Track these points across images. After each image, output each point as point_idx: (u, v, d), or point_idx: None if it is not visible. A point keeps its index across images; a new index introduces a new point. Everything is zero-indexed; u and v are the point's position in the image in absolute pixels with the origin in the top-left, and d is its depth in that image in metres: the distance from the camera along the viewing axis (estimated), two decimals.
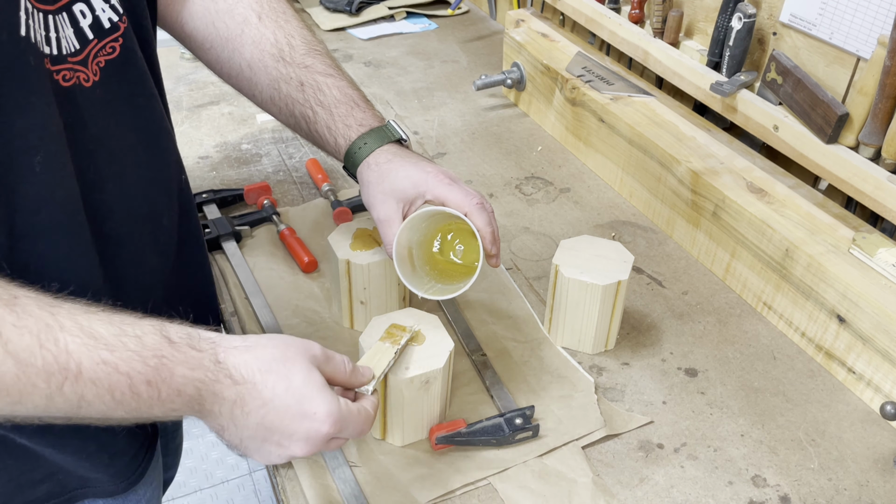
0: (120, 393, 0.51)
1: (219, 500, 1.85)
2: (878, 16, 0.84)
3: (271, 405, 0.56)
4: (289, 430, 0.57)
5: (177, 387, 0.53)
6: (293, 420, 0.57)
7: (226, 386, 0.55)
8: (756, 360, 0.87)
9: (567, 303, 0.84)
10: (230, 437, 0.58)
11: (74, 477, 0.70)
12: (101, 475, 0.71)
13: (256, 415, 0.56)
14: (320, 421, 0.57)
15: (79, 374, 0.50)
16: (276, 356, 0.58)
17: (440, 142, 1.27)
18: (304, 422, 0.57)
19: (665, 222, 1.07)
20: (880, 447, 0.77)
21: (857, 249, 0.84)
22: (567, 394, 0.81)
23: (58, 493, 0.69)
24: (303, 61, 0.79)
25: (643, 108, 1.13)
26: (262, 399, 0.56)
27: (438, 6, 1.77)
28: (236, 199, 1.09)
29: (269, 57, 0.79)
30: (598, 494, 0.71)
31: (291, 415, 0.57)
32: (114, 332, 0.52)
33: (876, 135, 0.84)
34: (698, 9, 1.11)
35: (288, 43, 0.79)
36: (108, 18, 0.62)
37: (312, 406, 0.57)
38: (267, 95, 0.80)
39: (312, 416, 0.57)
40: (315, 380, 0.58)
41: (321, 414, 0.57)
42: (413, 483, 0.72)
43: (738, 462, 0.75)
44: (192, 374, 0.54)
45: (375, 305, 0.86)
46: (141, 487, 0.76)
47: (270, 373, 0.57)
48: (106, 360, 0.51)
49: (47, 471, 0.68)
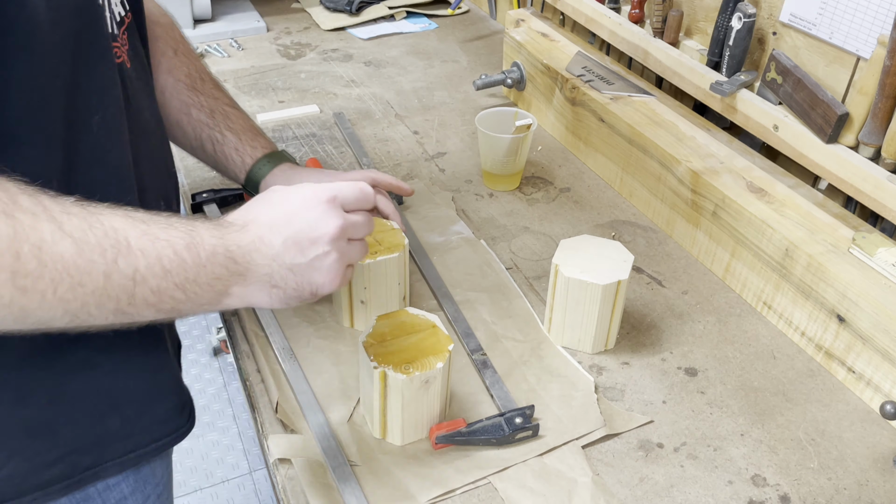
0: (167, 259, 0.55)
1: (219, 499, 1.86)
2: (878, 16, 0.84)
3: (275, 222, 0.61)
4: (306, 220, 0.62)
5: (210, 248, 0.58)
6: (302, 209, 0.62)
7: (239, 233, 0.60)
8: (756, 359, 0.87)
9: (567, 302, 0.84)
10: (281, 278, 0.61)
11: (87, 456, 0.70)
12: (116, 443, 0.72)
13: (274, 236, 0.61)
14: (321, 192, 0.63)
15: (128, 245, 0.53)
16: (251, 202, 0.64)
17: (440, 142, 1.27)
18: (307, 202, 0.62)
19: (665, 222, 1.07)
20: (880, 447, 0.77)
21: (856, 249, 0.84)
22: (567, 393, 0.81)
23: (69, 475, 0.70)
24: (212, 93, 0.93)
25: (643, 108, 1.13)
26: (266, 224, 0.61)
27: (438, 6, 1.77)
28: (236, 199, 1.09)
29: (182, 85, 0.90)
30: (598, 494, 0.71)
31: (298, 206, 0.62)
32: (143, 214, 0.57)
33: (876, 134, 0.84)
34: (698, 8, 1.11)
35: (199, 77, 0.92)
36: (118, 12, 0.67)
37: (300, 193, 0.63)
38: (174, 119, 0.91)
39: (312, 195, 0.63)
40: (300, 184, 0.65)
41: (317, 188, 0.63)
42: (413, 482, 0.72)
43: (737, 461, 0.75)
44: (215, 232, 0.59)
45: (375, 305, 0.86)
46: (157, 466, 0.77)
47: (256, 206, 0.63)
48: (146, 231, 0.55)
49: (62, 451, 0.68)
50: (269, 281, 0.61)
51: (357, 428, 0.77)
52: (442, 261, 1.00)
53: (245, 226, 0.61)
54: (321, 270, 0.63)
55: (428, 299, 0.94)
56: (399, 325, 0.75)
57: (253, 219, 0.62)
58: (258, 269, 0.60)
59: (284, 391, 0.81)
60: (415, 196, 1.12)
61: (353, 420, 0.78)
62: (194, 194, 1.07)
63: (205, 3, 1.64)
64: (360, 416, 0.78)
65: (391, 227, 0.89)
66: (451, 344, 0.74)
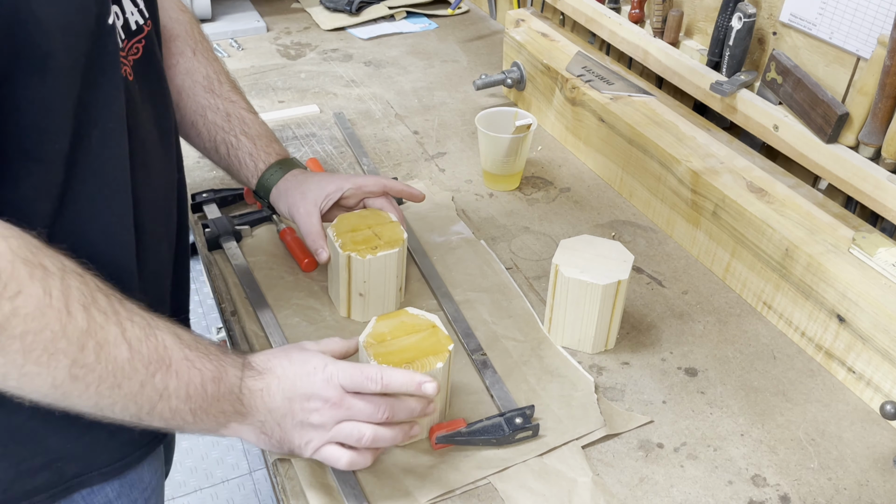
0: (193, 387, 0.61)
1: (219, 499, 1.86)
2: (878, 16, 0.84)
3: (284, 378, 0.67)
4: (304, 390, 0.66)
5: (228, 386, 0.64)
6: (303, 380, 0.66)
7: (255, 378, 0.66)
8: (756, 359, 0.87)
9: (567, 302, 0.84)
10: (270, 429, 0.67)
11: (74, 464, 0.70)
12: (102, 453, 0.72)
13: (278, 391, 0.66)
14: (322, 368, 0.67)
15: (169, 365, 0.59)
16: (276, 351, 0.70)
17: (440, 142, 1.27)
18: (311, 377, 0.67)
19: (665, 222, 1.07)
20: (880, 447, 0.77)
21: (856, 249, 0.84)
22: (567, 393, 0.81)
23: (56, 482, 0.70)
24: (228, 96, 0.92)
25: (643, 108, 1.13)
26: (278, 377, 0.66)
27: (438, 6, 1.77)
28: (236, 199, 1.09)
29: (199, 87, 0.90)
30: (598, 494, 0.71)
31: (300, 376, 0.67)
32: (189, 336, 0.62)
33: (876, 134, 0.84)
34: (698, 8, 1.11)
35: (217, 79, 0.92)
36: (135, 21, 0.67)
37: (312, 362, 0.68)
38: (189, 120, 0.91)
39: (313, 369, 0.67)
40: (310, 349, 0.70)
41: (320, 364, 0.67)
42: (413, 483, 0.72)
43: (737, 461, 0.75)
44: (238, 373, 0.65)
45: (374, 297, 0.87)
46: (145, 471, 0.77)
47: (277, 357, 0.69)
48: (187, 356, 0.60)
49: (48, 457, 0.68)
50: (261, 428, 0.67)
51: None
52: (442, 261, 1.00)
53: (262, 373, 0.67)
54: (302, 437, 0.67)
55: (428, 299, 0.94)
56: (399, 325, 0.75)
57: (271, 368, 0.67)
58: (256, 415, 0.66)
59: None
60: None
61: None
62: (194, 194, 1.07)
63: (205, 3, 1.64)
64: None
65: (390, 219, 0.89)
66: (451, 344, 0.74)
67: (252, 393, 0.65)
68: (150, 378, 0.58)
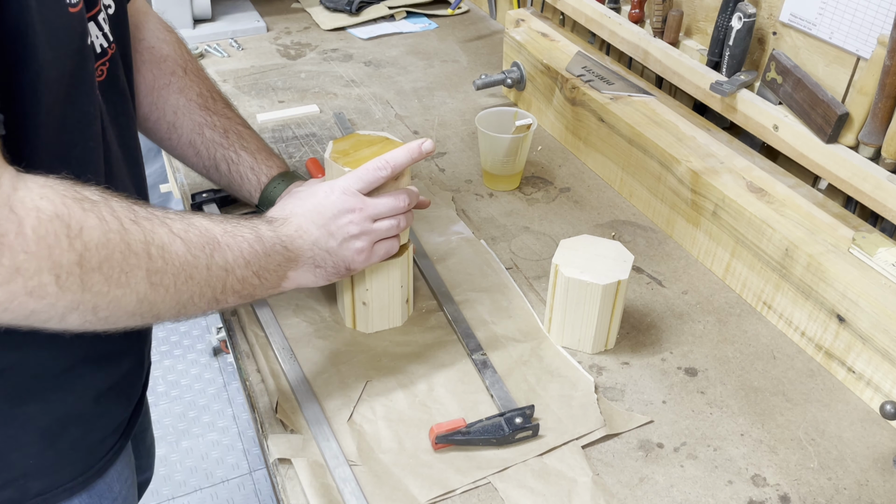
0: (247, 251, 0.66)
1: (219, 499, 1.86)
2: (878, 15, 0.84)
3: (307, 213, 0.73)
4: (331, 212, 0.73)
5: (270, 240, 0.69)
6: (324, 205, 0.73)
7: (284, 225, 0.72)
8: (756, 359, 0.87)
9: (567, 302, 0.84)
10: (322, 259, 0.73)
11: (38, 481, 0.70)
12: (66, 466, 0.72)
13: (310, 225, 0.72)
14: (332, 188, 0.74)
15: (218, 242, 0.63)
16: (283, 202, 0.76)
17: (440, 142, 1.27)
18: (329, 198, 0.73)
19: (665, 222, 1.07)
20: (880, 447, 0.77)
21: (856, 249, 0.84)
22: (567, 393, 0.81)
23: (19, 500, 0.70)
24: (224, 112, 0.94)
25: (643, 108, 1.13)
26: (301, 215, 0.73)
27: (438, 6, 1.77)
28: (236, 199, 1.09)
29: (194, 105, 0.91)
30: (598, 494, 0.71)
31: (319, 204, 0.73)
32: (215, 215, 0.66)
33: (876, 134, 0.84)
34: (698, 8, 1.11)
35: (210, 96, 0.93)
36: (99, 44, 0.67)
37: (320, 190, 0.74)
38: (187, 139, 0.92)
39: (326, 193, 0.74)
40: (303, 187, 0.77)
41: (328, 187, 0.74)
42: (413, 482, 0.72)
43: (737, 461, 0.75)
44: (269, 227, 0.70)
45: (377, 306, 0.86)
46: (114, 481, 0.77)
47: (288, 204, 0.74)
48: (226, 230, 0.65)
49: (11, 475, 0.68)
50: (314, 262, 0.73)
51: (357, 428, 0.77)
52: (442, 261, 1.00)
53: (287, 219, 0.72)
54: (350, 250, 0.74)
55: (428, 299, 0.94)
56: (355, 142, 0.81)
57: (290, 212, 0.73)
58: (304, 253, 0.72)
59: (284, 391, 0.81)
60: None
61: (353, 420, 0.78)
62: (194, 194, 1.07)
63: (205, 3, 1.64)
64: (360, 415, 0.78)
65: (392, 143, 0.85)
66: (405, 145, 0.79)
67: (291, 238, 0.71)
68: (211, 259, 0.62)
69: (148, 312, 0.59)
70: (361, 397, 0.80)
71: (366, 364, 0.84)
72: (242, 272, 0.65)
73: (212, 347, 2.26)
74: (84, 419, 0.73)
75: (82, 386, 0.71)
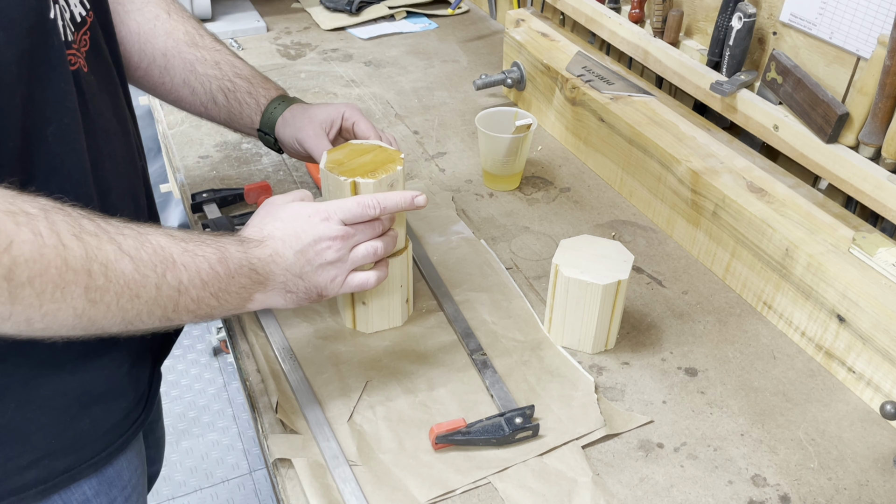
0: (205, 272, 0.63)
1: (219, 499, 1.86)
2: (878, 15, 0.84)
3: (286, 237, 0.70)
4: (310, 238, 0.70)
5: (237, 262, 0.66)
6: (305, 230, 0.70)
7: (258, 247, 0.69)
8: (756, 359, 0.87)
9: (567, 302, 0.84)
10: (294, 285, 0.71)
11: (61, 460, 0.71)
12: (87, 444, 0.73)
13: (286, 250, 0.70)
14: (316, 212, 0.71)
15: (173, 261, 0.61)
16: (261, 218, 0.73)
17: (440, 142, 1.27)
18: (311, 224, 0.71)
19: (665, 222, 1.07)
20: (880, 447, 0.77)
21: (856, 249, 0.84)
22: (567, 393, 0.81)
23: (45, 479, 0.70)
24: (213, 46, 0.92)
25: (643, 108, 1.13)
26: (279, 238, 0.70)
27: (438, 6, 1.77)
28: (237, 199, 1.09)
29: (182, 44, 0.90)
30: (598, 494, 0.71)
31: (300, 228, 0.71)
32: (180, 233, 0.64)
33: (876, 134, 0.84)
34: (698, 8, 1.11)
35: (197, 33, 0.92)
36: (79, 13, 0.68)
37: (303, 211, 0.72)
38: (180, 79, 0.91)
39: (308, 217, 0.71)
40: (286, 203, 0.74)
41: (312, 210, 0.72)
42: (413, 482, 0.72)
43: (737, 461, 0.75)
44: (240, 248, 0.67)
45: (377, 307, 0.86)
46: (123, 469, 0.77)
47: (266, 223, 0.72)
48: (186, 248, 0.62)
49: (34, 456, 0.69)
50: (285, 287, 0.70)
51: (357, 428, 0.77)
52: (442, 261, 1.00)
53: (262, 241, 0.69)
54: (325, 277, 0.72)
55: (428, 299, 0.94)
56: (350, 151, 0.81)
57: (268, 235, 0.70)
58: (276, 278, 0.69)
59: (284, 391, 0.81)
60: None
61: (353, 420, 0.78)
62: (194, 194, 1.07)
63: (205, 3, 1.64)
64: (360, 415, 0.78)
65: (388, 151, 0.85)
66: (402, 154, 0.80)
67: (263, 262, 0.68)
68: (162, 279, 0.60)
69: (90, 326, 0.57)
70: (361, 397, 0.80)
71: (366, 364, 0.84)
72: (198, 293, 0.63)
73: (212, 347, 2.26)
74: (105, 396, 0.73)
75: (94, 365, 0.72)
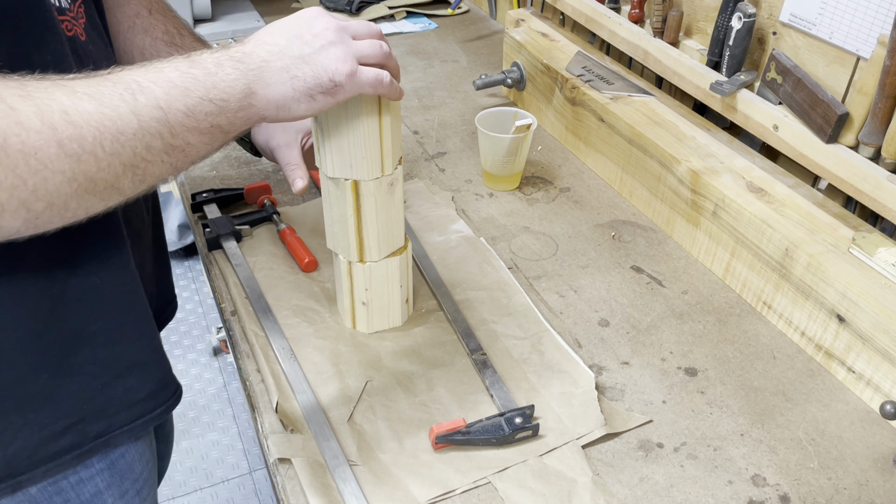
0: (179, 79, 0.57)
1: (219, 499, 1.86)
2: (878, 15, 0.84)
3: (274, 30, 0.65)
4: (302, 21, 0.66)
5: (213, 60, 0.60)
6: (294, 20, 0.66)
7: (240, 43, 0.64)
8: (756, 359, 0.87)
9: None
10: (297, 68, 0.64)
11: (95, 425, 0.71)
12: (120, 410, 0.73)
13: (277, 34, 0.65)
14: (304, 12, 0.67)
15: (138, 83, 0.55)
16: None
17: (440, 142, 1.27)
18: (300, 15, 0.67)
19: (665, 222, 1.07)
20: (880, 447, 0.77)
21: (856, 249, 0.84)
22: (567, 391, 0.81)
23: (79, 444, 0.71)
24: (192, 46, 0.89)
25: (643, 108, 1.13)
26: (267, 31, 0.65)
27: (438, 6, 1.77)
28: (236, 199, 1.09)
29: (160, 42, 0.88)
30: (598, 494, 0.71)
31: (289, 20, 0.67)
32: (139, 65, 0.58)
33: (876, 134, 0.84)
34: (698, 8, 1.11)
35: (178, 32, 0.90)
36: None
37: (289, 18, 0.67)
38: None
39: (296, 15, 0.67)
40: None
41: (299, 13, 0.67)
42: (413, 482, 0.72)
43: (737, 461, 0.75)
44: (214, 51, 0.62)
45: (377, 307, 0.86)
46: (135, 461, 0.77)
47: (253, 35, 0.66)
48: (148, 68, 0.57)
49: (69, 421, 0.69)
50: (287, 72, 0.64)
51: (357, 427, 0.77)
52: (442, 260, 1.00)
53: (244, 41, 0.65)
54: (330, 56, 0.65)
55: (428, 299, 0.94)
56: None
57: (251, 37, 0.65)
58: (270, 63, 0.63)
59: (284, 391, 0.81)
60: (415, 196, 1.12)
61: (353, 420, 0.78)
62: (194, 194, 1.07)
63: (205, 3, 1.64)
64: (360, 415, 0.78)
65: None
66: (401, 157, 0.79)
67: (246, 53, 0.62)
68: (135, 103, 0.54)
69: (90, 187, 0.53)
70: (361, 397, 0.80)
71: (366, 364, 0.84)
72: (185, 102, 0.57)
73: (212, 347, 2.26)
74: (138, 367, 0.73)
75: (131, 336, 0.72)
